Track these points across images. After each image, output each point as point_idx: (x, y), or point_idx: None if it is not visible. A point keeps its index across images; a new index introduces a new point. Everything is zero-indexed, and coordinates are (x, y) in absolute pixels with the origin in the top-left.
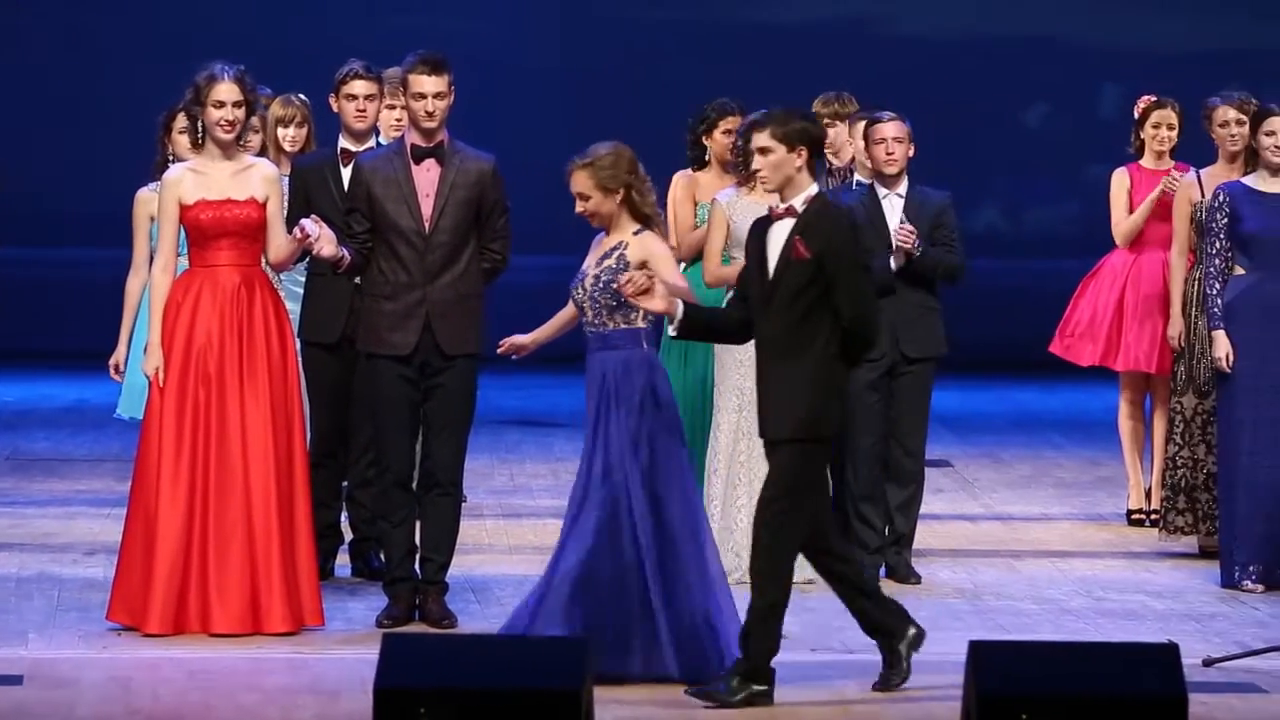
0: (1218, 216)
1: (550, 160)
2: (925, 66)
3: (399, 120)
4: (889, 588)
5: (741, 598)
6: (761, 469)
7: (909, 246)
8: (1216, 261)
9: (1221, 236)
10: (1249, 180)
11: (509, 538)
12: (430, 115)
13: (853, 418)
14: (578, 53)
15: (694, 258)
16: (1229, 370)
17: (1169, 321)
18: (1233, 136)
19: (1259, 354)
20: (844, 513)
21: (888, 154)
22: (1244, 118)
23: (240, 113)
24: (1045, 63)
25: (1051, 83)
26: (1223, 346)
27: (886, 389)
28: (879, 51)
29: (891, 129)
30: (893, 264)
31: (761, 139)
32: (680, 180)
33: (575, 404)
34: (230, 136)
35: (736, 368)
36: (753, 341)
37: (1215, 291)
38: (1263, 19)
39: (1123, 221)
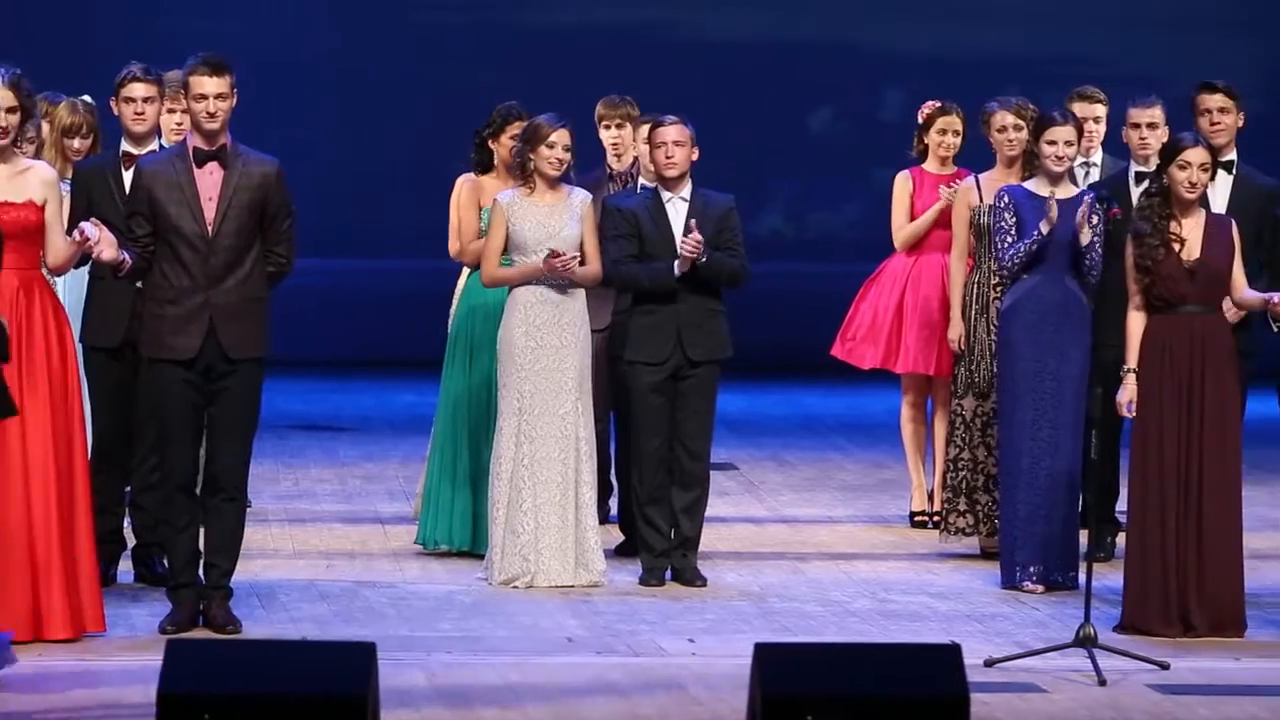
0: (1005, 216)
1: (324, 165)
2: (710, 70)
3: (179, 124)
4: (674, 591)
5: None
6: (545, 472)
7: (694, 256)
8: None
9: (1012, 234)
10: (1030, 185)
11: (294, 543)
12: (212, 117)
13: (637, 421)
14: (357, 56)
15: (479, 264)
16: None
17: (949, 324)
18: (1010, 141)
19: (1038, 356)
20: (630, 515)
21: (667, 157)
22: (1021, 123)
23: (14, 118)
24: (829, 66)
25: (835, 86)
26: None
27: (671, 392)
28: (664, 55)
29: (672, 133)
30: (677, 270)
31: None
32: (464, 185)
33: (359, 408)
34: (4, 141)
35: (517, 371)
36: (534, 345)
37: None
38: (1039, 25)
39: (904, 227)
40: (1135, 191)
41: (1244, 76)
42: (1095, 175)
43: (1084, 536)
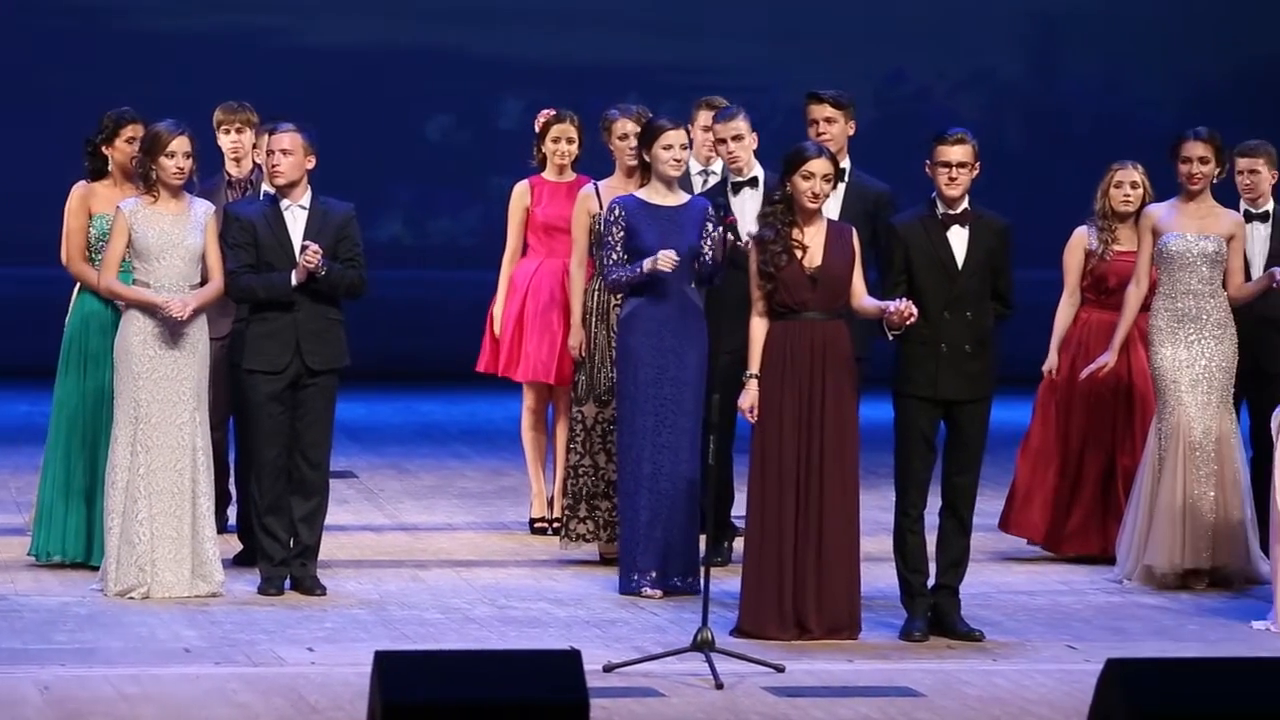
0: (614, 230)
1: None
2: (329, 77)
3: None
4: (294, 600)
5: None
6: (161, 482)
7: (313, 267)
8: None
9: (619, 249)
10: (642, 194)
11: None
12: None
13: (256, 430)
14: None
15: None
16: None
17: (569, 331)
18: (632, 149)
19: (657, 363)
20: (248, 524)
21: (274, 166)
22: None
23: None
24: (446, 74)
25: (453, 93)
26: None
27: (290, 401)
28: (284, 61)
29: (285, 140)
30: (294, 279)
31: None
32: (77, 191)
33: None
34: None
35: (134, 380)
36: (152, 353)
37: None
38: (657, 35)
39: (520, 235)
40: (734, 201)
41: (856, 85)
42: (714, 183)
43: (702, 541)
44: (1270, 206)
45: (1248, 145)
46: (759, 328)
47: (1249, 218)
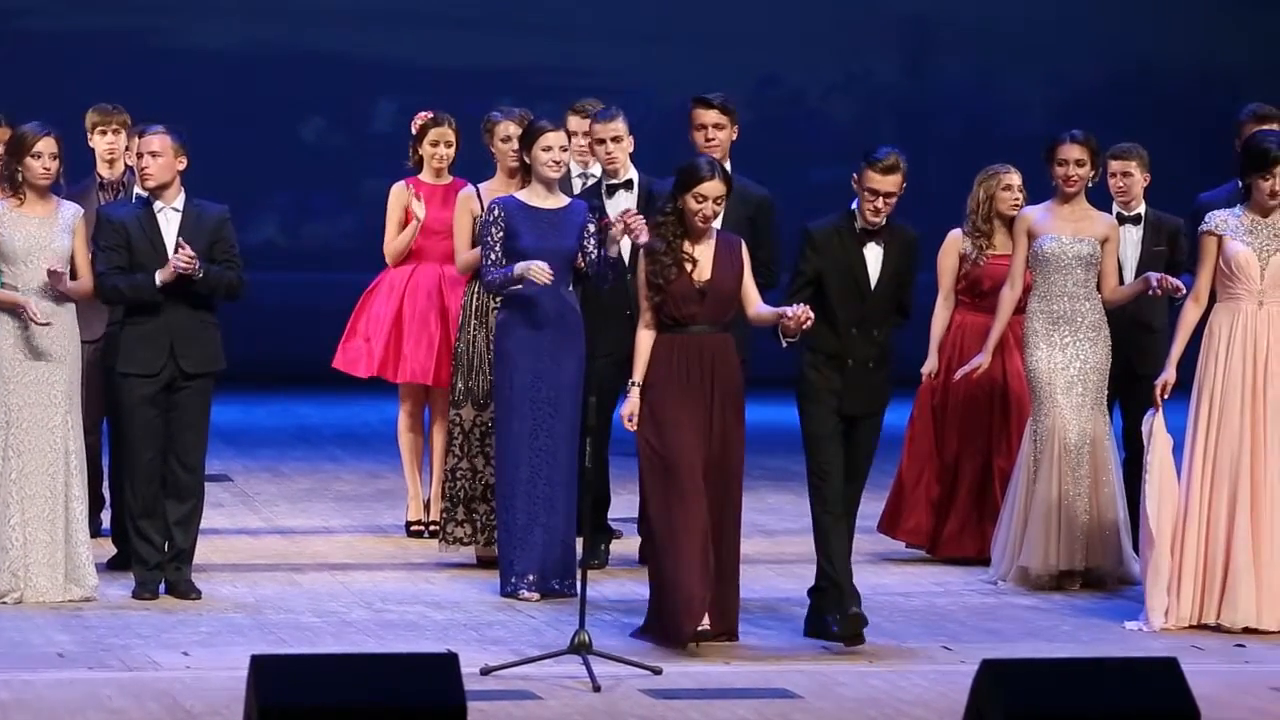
0: (493, 231)
1: None
2: (204, 79)
3: None
4: (168, 604)
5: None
6: (33, 487)
7: (189, 270)
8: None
9: (497, 250)
10: (523, 195)
11: None
12: None
13: (130, 433)
14: None
15: None
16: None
17: (447, 334)
18: (514, 151)
19: (535, 367)
20: (122, 528)
21: (144, 168)
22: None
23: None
24: (322, 76)
25: (327, 96)
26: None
27: (165, 404)
28: (158, 63)
29: (154, 143)
30: (158, 279)
31: None
32: None
33: None
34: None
35: (4, 384)
36: (22, 356)
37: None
38: (531, 37)
39: (394, 239)
40: (608, 203)
41: (729, 89)
42: (592, 184)
43: (579, 544)
44: (1143, 209)
45: (1120, 148)
46: (645, 339)
47: (1122, 220)
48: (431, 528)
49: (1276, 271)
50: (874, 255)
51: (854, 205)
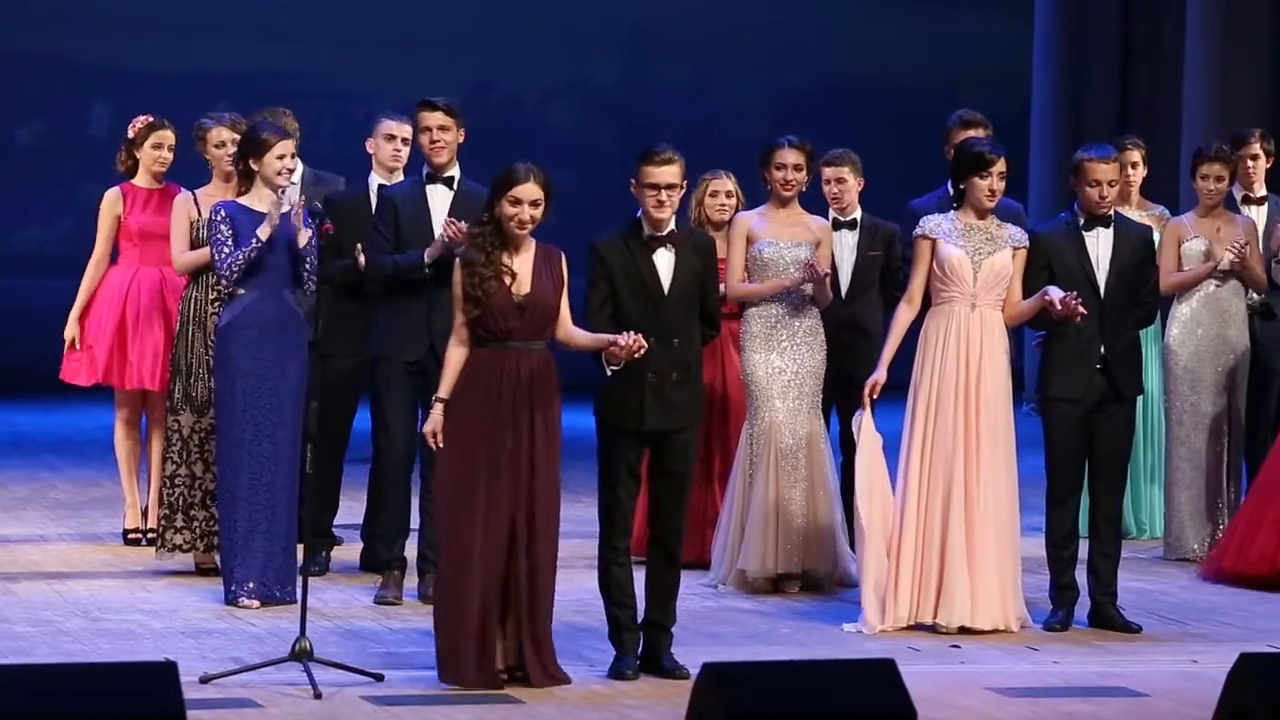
0: (222, 229)
1: None
2: None
3: None
4: None
5: None
6: None
7: None
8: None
9: (229, 244)
10: (244, 200)
11: None
12: None
13: None
14: None
15: None
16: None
17: (170, 339)
18: (229, 156)
19: (257, 372)
20: None
21: None
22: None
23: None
24: (37, 80)
25: (43, 99)
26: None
27: None
28: None
29: None
30: None
31: None
32: None
33: None
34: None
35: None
36: None
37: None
38: (250, 40)
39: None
40: (374, 202)
41: (446, 95)
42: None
43: (300, 551)
44: (858, 215)
45: (834, 154)
46: (457, 355)
47: (837, 226)
48: (149, 535)
49: (989, 275)
50: (665, 261)
51: (639, 214)
